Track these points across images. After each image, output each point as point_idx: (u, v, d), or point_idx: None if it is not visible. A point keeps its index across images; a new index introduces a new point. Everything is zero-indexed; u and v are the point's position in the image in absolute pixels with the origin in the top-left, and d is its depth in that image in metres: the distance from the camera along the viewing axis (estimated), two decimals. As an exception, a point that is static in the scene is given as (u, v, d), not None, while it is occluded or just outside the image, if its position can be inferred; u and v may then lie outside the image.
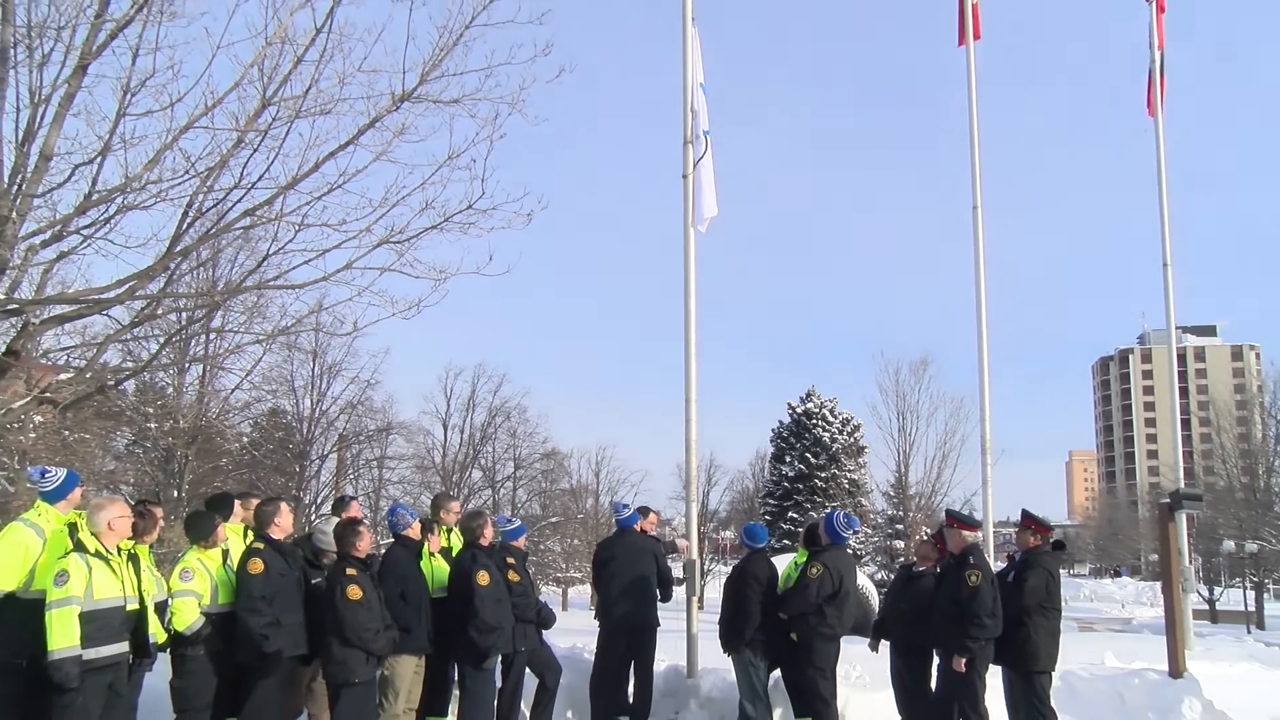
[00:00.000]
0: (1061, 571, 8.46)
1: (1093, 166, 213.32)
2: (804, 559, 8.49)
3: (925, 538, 9.10)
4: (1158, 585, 42.67)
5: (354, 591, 6.87)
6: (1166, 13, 16.19)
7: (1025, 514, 8.55)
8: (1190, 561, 15.42)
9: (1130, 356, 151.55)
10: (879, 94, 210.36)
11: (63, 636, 5.69)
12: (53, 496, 6.34)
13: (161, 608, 6.71)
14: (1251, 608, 50.25)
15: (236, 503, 7.79)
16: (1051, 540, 8.27)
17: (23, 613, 5.90)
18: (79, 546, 6.00)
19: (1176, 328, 15.38)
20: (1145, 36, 16.24)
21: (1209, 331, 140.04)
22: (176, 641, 6.71)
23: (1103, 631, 34.85)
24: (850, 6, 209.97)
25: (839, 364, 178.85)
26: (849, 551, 8.94)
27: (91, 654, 5.83)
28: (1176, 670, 10.28)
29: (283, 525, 7.17)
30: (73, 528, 6.20)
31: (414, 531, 7.99)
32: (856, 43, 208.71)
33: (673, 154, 10.73)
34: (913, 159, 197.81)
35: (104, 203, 8.40)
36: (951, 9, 14.00)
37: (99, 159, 8.28)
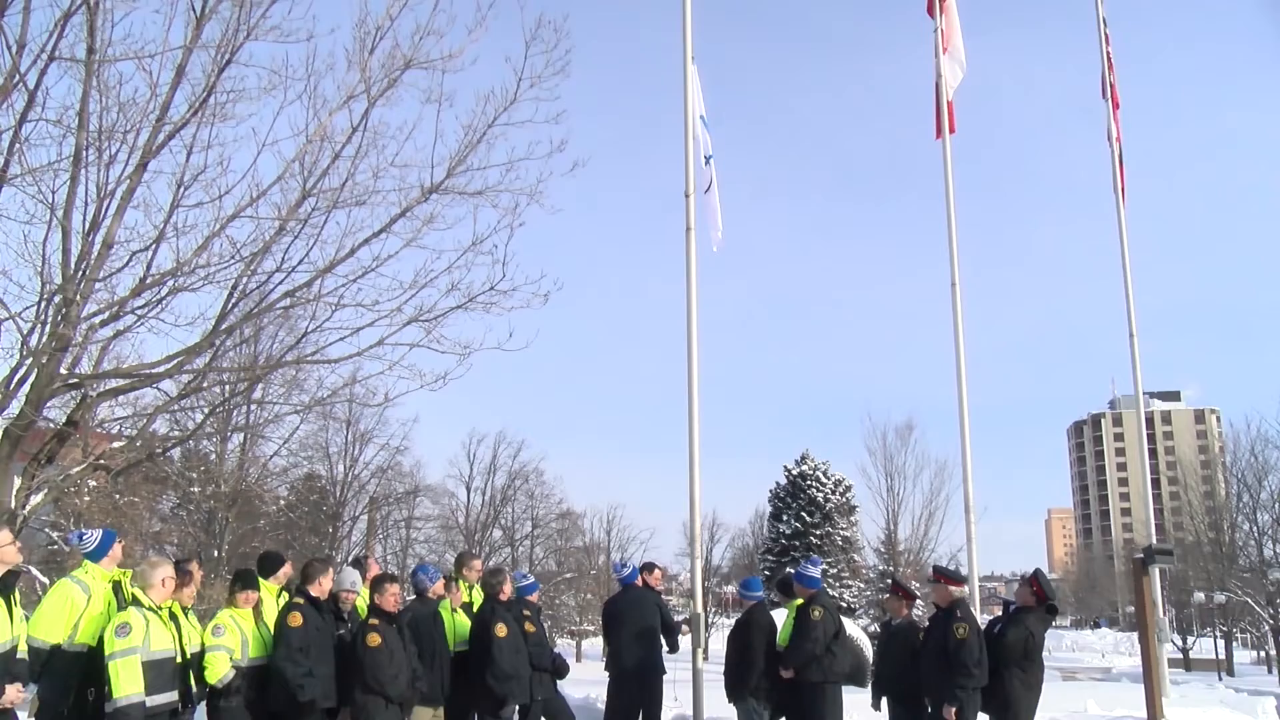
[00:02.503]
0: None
1: (1063, 244, 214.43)
2: (795, 612, 8.35)
3: (888, 592, 9.16)
4: (1135, 635, 41.79)
5: (373, 639, 6.78)
6: (1121, 109, 16.42)
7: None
8: (1164, 613, 15.13)
9: (1102, 420, 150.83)
10: (862, 178, 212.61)
11: (129, 684, 5.64)
12: (94, 555, 6.34)
13: (194, 660, 6.60)
14: (1222, 655, 49.20)
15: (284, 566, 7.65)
16: (1046, 604, 8.11)
17: (67, 664, 5.89)
18: (133, 601, 5.96)
19: (1144, 393, 15.24)
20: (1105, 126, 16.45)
21: (1174, 397, 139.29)
22: (211, 693, 6.59)
23: (1085, 680, 34.03)
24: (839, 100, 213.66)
25: (830, 429, 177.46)
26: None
27: (150, 702, 5.77)
28: (1154, 717, 10.05)
29: (324, 586, 7.11)
30: (116, 585, 6.16)
31: (436, 591, 7.91)
32: (845, 131, 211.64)
33: (675, 231, 10.80)
34: (895, 238, 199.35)
35: (157, 285, 8.52)
36: (929, 105, 14.22)
37: (154, 246, 8.43)
